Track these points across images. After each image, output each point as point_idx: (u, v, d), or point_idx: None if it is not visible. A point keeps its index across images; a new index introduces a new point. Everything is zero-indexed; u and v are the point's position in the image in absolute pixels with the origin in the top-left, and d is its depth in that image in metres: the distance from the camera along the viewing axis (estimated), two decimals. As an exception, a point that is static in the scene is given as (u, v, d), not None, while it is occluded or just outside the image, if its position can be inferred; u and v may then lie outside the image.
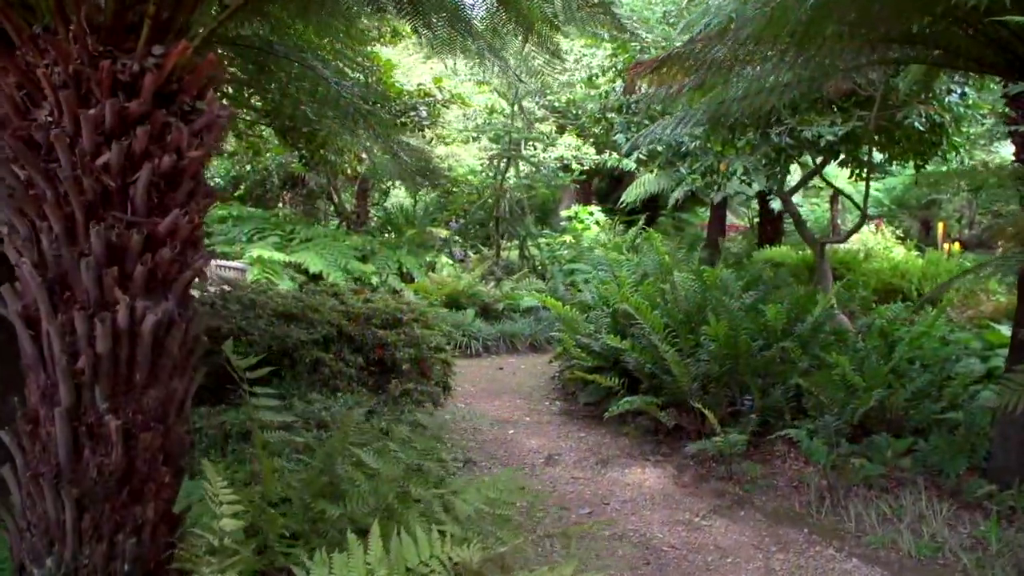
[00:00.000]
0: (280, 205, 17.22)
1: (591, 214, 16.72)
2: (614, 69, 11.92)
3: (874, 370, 5.84)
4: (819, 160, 9.28)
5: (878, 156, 9.92)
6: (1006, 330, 7.40)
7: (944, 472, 5.11)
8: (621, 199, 16.88)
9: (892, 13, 4.65)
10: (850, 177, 9.96)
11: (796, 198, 16.15)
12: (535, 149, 16.05)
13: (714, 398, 5.88)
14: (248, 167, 16.07)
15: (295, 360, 4.95)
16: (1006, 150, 12.94)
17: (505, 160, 13.27)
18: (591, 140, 15.60)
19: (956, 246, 13.28)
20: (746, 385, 5.96)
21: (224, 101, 9.16)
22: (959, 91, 8.30)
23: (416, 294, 11.71)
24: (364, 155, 10.71)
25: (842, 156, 9.48)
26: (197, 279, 2.41)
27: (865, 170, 9.10)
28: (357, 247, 14.41)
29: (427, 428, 3.06)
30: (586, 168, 16.35)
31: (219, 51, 7.09)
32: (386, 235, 16.10)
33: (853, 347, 6.77)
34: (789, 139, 7.88)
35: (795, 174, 11.88)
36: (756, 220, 15.37)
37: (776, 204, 13.05)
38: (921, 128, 7.72)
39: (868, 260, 11.40)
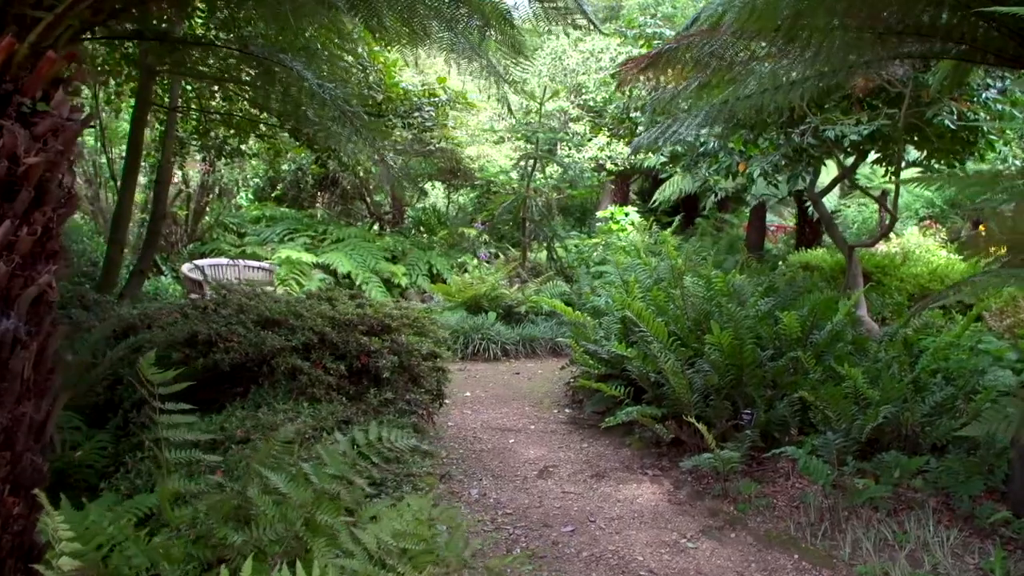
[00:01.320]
0: (318, 206, 17.30)
1: (626, 215, 16.40)
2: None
3: (889, 383, 5.51)
4: (850, 160, 8.89)
5: (916, 155, 9.49)
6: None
7: (958, 494, 4.77)
8: (653, 198, 16.54)
9: (898, 4, 4.36)
10: (884, 175, 9.54)
11: (833, 199, 15.65)
12: (569, 149, 15.84)
13: (715, 410, 5.62)
14: (284, 167, 16.17)
15: (273, 368, 4.85)
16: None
17: (532, 161, 13.07)
18: (624, 139, 15.32)
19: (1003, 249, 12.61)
20: (751, 397, 5.68)
21: (245, 103, 9.22)
22: (999, 87, 7.85)
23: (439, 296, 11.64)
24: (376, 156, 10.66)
25: (876, 156, 9.10)
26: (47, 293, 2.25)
27: (900, 171, 8.71)
28: (388, 248, 14.40)
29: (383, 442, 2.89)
30: (621, 168, 16.07)
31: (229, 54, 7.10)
32: (419, 235, 16.07)
33: (874, 357, 6.43)
34: (812, 139, 7.54)
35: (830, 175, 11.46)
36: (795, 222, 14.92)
37: (815, 206, 12.62)
38: (952, 126, 7.30)
39: (906, 264, 10.89)
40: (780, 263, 12.29)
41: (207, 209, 14.56)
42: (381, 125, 7.70)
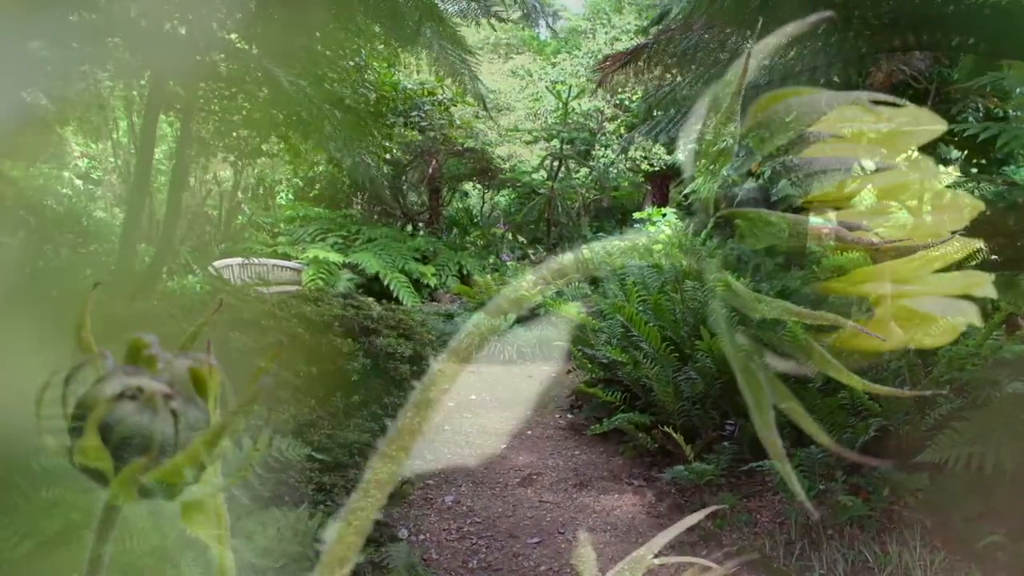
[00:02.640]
0: (357, 206, 17.37)
1: (664, 215, 16.08)
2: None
3: (891, 394, 5.21)
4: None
5: (955, 154, 9.07)
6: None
7: (952, 514, 4.48)
8: (682, 194, 16.21)
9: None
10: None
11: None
12: (603, 149, 15.63)
13: (701, 420, 5.40)
14: (320, 168, 16.27)
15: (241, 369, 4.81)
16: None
17: (557, 161, 12.90)
18: (648, 138, 15.04)
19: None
20: (741, 407, 5.45)
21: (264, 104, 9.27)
22: (1036, 81, 7.42)
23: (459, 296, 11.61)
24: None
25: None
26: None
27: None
28: (419, 248, 14.38)
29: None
30: (656, 168, 15.79)
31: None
32: (453, 236, 16.05)
33: (886, 366, 6.12)
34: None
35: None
36: (836, 223, 14.44)
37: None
38: (975, 123, 6.91)
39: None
40: (814, 266, 11.89)
41: (241, 208, 14.74)
42: (355, 123, 7.62)
